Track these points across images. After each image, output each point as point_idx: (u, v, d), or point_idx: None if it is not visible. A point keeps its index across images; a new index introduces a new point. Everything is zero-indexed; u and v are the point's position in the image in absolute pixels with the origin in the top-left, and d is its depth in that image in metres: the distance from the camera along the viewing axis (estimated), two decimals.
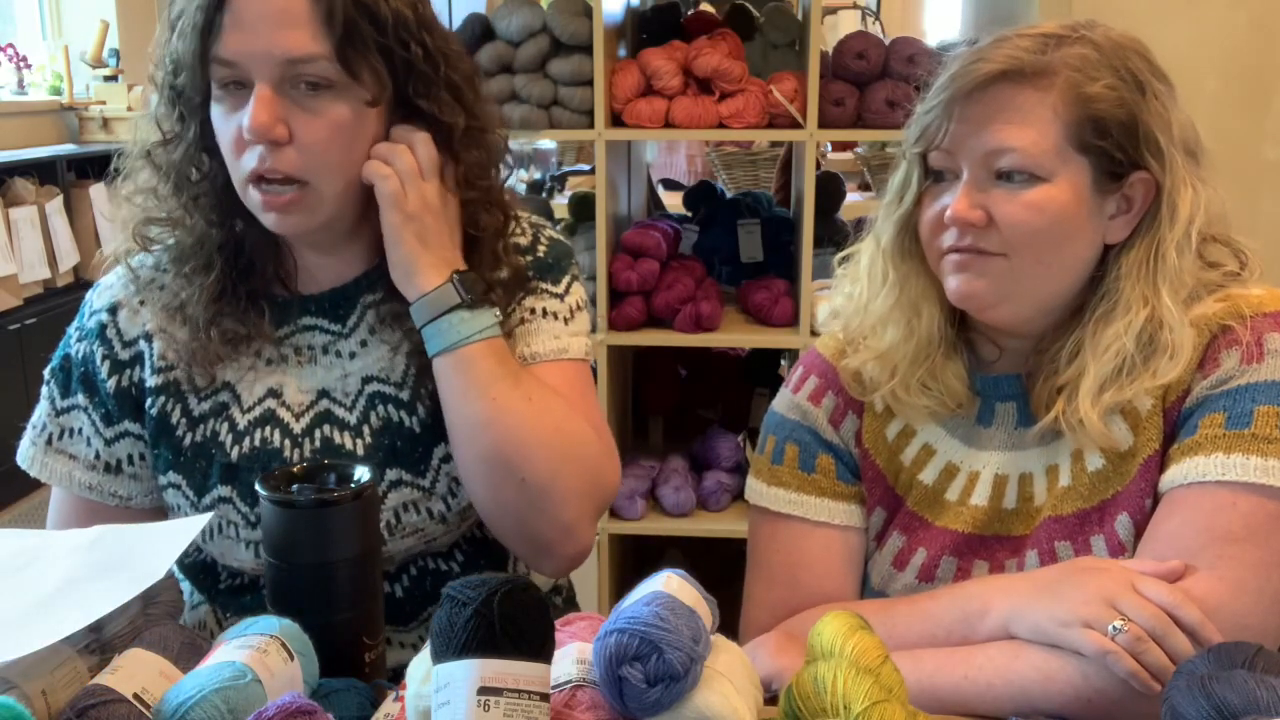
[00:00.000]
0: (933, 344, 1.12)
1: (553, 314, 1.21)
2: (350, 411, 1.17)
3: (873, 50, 2.36)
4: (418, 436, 1.17)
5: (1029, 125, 1.01)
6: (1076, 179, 1.02)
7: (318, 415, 1.17)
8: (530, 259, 1.22)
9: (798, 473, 1.18)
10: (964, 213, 1.04)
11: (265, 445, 1.16)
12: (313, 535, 0.96)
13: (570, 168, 4.55)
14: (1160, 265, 1.03)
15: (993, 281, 1.05)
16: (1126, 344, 1.02)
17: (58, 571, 0.97)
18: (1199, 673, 0.79)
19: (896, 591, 1.15)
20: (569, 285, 1.24)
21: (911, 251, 1.12)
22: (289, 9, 1.03)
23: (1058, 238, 1.03)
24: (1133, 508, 1.04)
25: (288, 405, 1.17)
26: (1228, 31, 2.37)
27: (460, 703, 0.73)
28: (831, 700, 0.78)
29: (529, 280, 1.21)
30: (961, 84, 1.03)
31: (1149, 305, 1.02)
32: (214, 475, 1.17)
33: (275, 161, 1.06)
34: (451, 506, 1.19)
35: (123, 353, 1.21)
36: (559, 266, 1.24)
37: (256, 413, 1.17)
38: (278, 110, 1.05)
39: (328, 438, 1.16)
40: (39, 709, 0.84)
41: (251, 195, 1.09)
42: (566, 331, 1.22)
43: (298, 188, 1.08)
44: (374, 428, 1.17)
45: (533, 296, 1.21)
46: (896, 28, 5.28)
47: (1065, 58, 1.02)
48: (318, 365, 1.19)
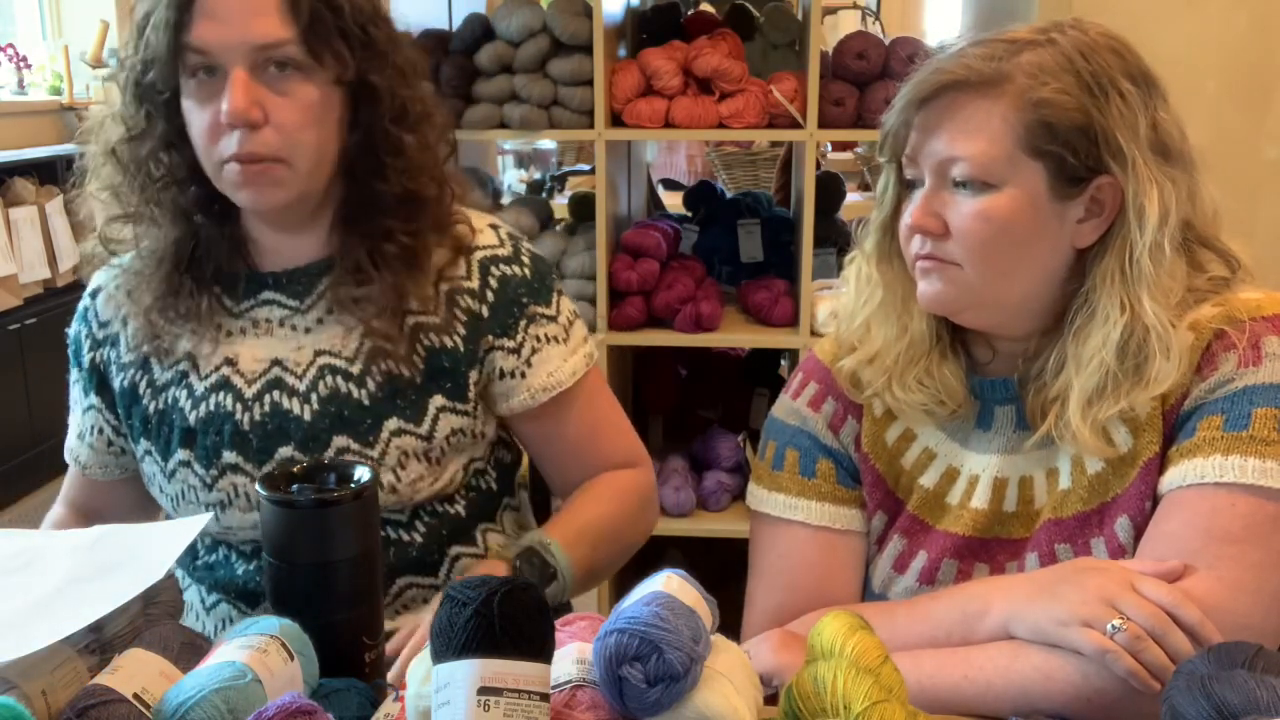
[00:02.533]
0: (926, 343, 1.13)
1: (553, 338, 1.29)
2: (300, 380, 1.22)
3: (873, 50, 2.36)
4: (366, 408, 1.21)
5: (979, 134, 1.02)
6: (1030, 185, 1.02)
7: (269, 381, 1.23)
8: (516, 273, 1.28)
9: (798, 478, 1.18)
10: (918, 220, 1.05)
11: (219, 409, 1.22)
12: (313, 535, 0.96)
13: (570, 168, 4.54)
14: (1136, 271, 1.02)
15: (954, 288, 1.06)
16: (1106, 358, 1.02)
17: (58, 571, 0.98)
18: (1199, 672, 0.79)
19: (897, 595, 1.15)
20: (557, 302, 1.32)
21: (896, 254, 1.13)
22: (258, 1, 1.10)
23: (1011, 245, 1.03)
24: (1132, 510, 1.04)
25: (241, 372, 1.23)
26: (1228, 31, 2.36)
27: (460, 703, 0.73)
28: (831, 700, 0.78)
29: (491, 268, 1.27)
30: (914, 94, 1.05)
31: (1128, 312, 1.01)
32: (175, 440, 1.24)
33: (252, 144, 1.12)
34: (401, 478, 1.23)
35: (99, 333, 1.31)
36: (544, 285, 1.30)
37: (212, 379, 1.23)
38: (253, 94, 1.11)
39: (276, 403, 1.22)
40: (39, 709, 0.84)
41: (227, 173, 1.14)
42: (568, 350, 1.31)
43: (272, 163, 1.14)
44: (321, 395, 1.21)
45: (534, 324, 1.28)
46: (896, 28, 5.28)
47: (1021, 64, 1.01)
48: (273, 337, 1.24)
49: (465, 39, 2.39)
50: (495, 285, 1.27)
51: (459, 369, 1.24)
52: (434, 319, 1.24)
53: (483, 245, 1.28)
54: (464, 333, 1.24)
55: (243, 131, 1.11)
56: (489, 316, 1.26)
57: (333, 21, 1.14)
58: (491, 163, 3.55)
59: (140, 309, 1.23)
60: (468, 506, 1.31)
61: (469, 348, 1.25)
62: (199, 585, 1.29)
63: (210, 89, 1.12)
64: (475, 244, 1.28)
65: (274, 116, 1.12)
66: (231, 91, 1.10)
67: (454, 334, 1.24)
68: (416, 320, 1.23)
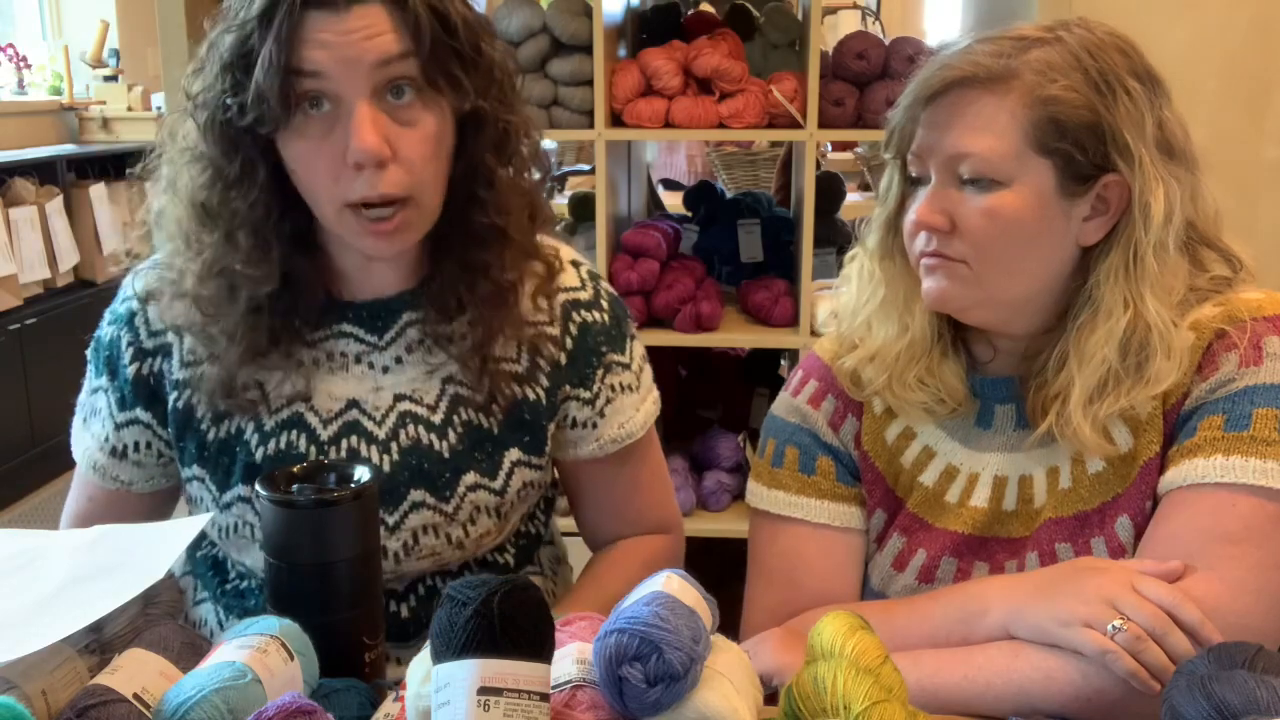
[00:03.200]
0: (927, 341, 1.13)
1: (627, 387, 1.25)
2: (379, 426, 1.15)
3: (873, 50, 2.36)
4: (446, 461, 1.15)
5: (987, 131, 1.01)
6: (1038, 182, 1.02)
7: (345, 425, 1.15)
8: (596, 320, 1.22)
9: (798, 475, 1.18)
10: (926, 217, 1.05)
11: (290, 449, 1.14)
12: (313, 535, 0.96)
13: (570, 168, 4.54)
14: (1140, 269, 1.02)
15: (960, 286, 1.06)
16: (1109, 354, 1.02)
17: (58, 571, 0.98)
18: (1199, 673, 0.79)
19: (896, 593, 1.15)
20: (631, 347, 1.26)
21: (899, 252, 1.13)
22: (372, 22, 1.00)
23: (1018, 242, 1.03)
24: (1133, 510, 1.04)
25: (316, 410, 1.15)
26: (1228, 31, 2.36)
27: (460, 703, 0.73)
28: (831, 700, 0.78)
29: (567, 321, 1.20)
30: (922, 90, 1.05)
31: (1130, 309, 1.02)
32: (236, 474, 1.15)
33: (383, 184, 1.02)
34: (470, 534, 1.18)
35: (148, 342, 1.18)
36: (621, 331, 1.25)
37: (284, 415, 1.15)
38: (380, 127, 1.01)
39: (354, 449, 1.14)
40: (39, 709, 0.84)
41: (349, 222, 1.05)
42: (639, 398, 1.26)
43: (401, 207, 1.04)
44: (402, 446, 1.15)
45: (610, 374, 1.23)
46: (896, 28, 5.28)
47: (1029, 61, 1.01)
48: (349, 374, 1.16)
49: None
50: (575, 332, 1.20)
51: (539, 422, 1.18)
52: (516, 367, 1.17)
53: (566, 287, 1.21)
54: (546, 384, 1.18)
55: (370, 171, 1.01)
56: (567, 365, 1.19)
57: (448, 43, 1.04)
58: None
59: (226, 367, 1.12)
60: (516, 554, 1.27)
61: (550, 400, 1.19)
62: (222, 608, 1.23)
63: (325, 124, 1.02)
64: (559, 285, 1.20)
65: (401, 150, 1.02)
66: (358, 125, 0.99)
67: (536, 385, 1.18)
68: (499, 368, 1.15)
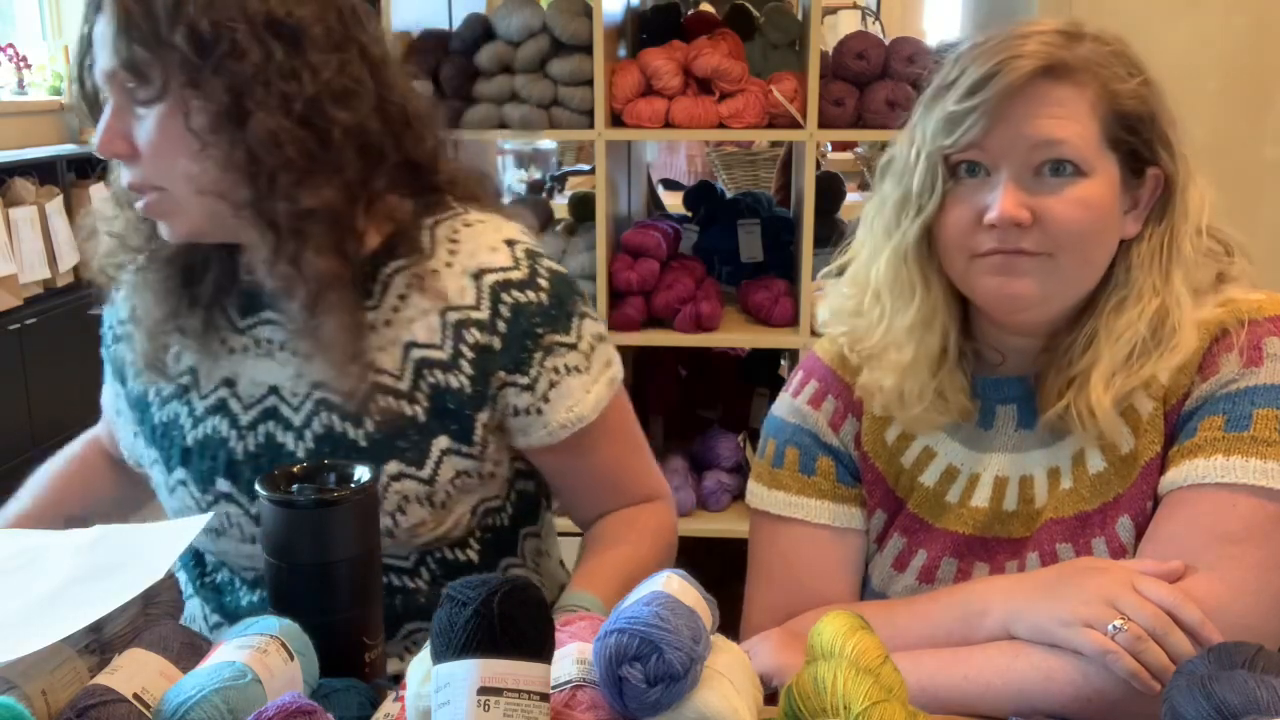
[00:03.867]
0: (936, 361, 1.10)
1: (573, 369, 1.19)
2: (296, 412, 1.16)
3: (873, 50, 2.36)
4: (363, 450, 1.14)
5: (1073, 119, 1.01)
6: (1111, 175, 1.03)
7: (264, 411, 1.17)
8: (531, 300, 1.17)
9: (798, 476, 1.18)
10: (1012, 211, 1.00)
11: (215, 434, 1.18)
12: (313, 535, 0.96)
13: (570, 168, 4.54)
14: (1175, 255, 1.04)
15: (1036, 281, 1.03)
16: (1140, 329, 1.03)
17: (58, 571, 0.98)
18: (1199, 673, 0.79)
19: (897, 593, 1.15)
20: (578, 327, 1.20)
21: (933, 260, 1.09)
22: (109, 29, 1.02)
23: (1099, 233, 1.03)
24: (1134, 510, 1.04)
25: (239, 396, 1.18)
26: (1228, 32, 2.36)
27: (460, 703, 0.73)
28: (831, 700, 0.78)
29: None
30: (1004, 81, 1.00)
31: (1159, 295, 1.03)
32: (175, 457, 1.20)
33: (130, 177, 1.08)
34: (400, 523, 1.16)
35: (119, 327, 1.29)
36: (563, 310, 1.19)
37: (211, 400, 1.19)
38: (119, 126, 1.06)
39: (271, 435, 1.16)
40: (39, 709, 0.84)
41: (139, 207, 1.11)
42: (590, 379, 1.20)
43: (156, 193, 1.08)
44: (316, 434, 1.15)
45: (551, 356, 1.17)
46: (896, 28, 5.28)
47: (1088, 55, 1.02)
48: (274, 360, 1.17)
49: (465, 39, 2.39)
50: (507, 314, 1.15)
51: (464, 411, 1.15)
52: (440, 354, 1.15)
53: (494, 267, 1.17)
54: (472, 371, 1.15)
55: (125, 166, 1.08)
56: (501, 349, 1.15)
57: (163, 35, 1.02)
58: (491, 163, 3.55)
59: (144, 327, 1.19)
60: (482, 552, 1.25)
61: (477, 388, 1.15)
62: (204, 603, 1.24)
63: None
64: (485, 265, 1.17)
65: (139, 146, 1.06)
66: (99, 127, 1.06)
67: (461, 372, 1.15)
68: (422, 355, 1.14)
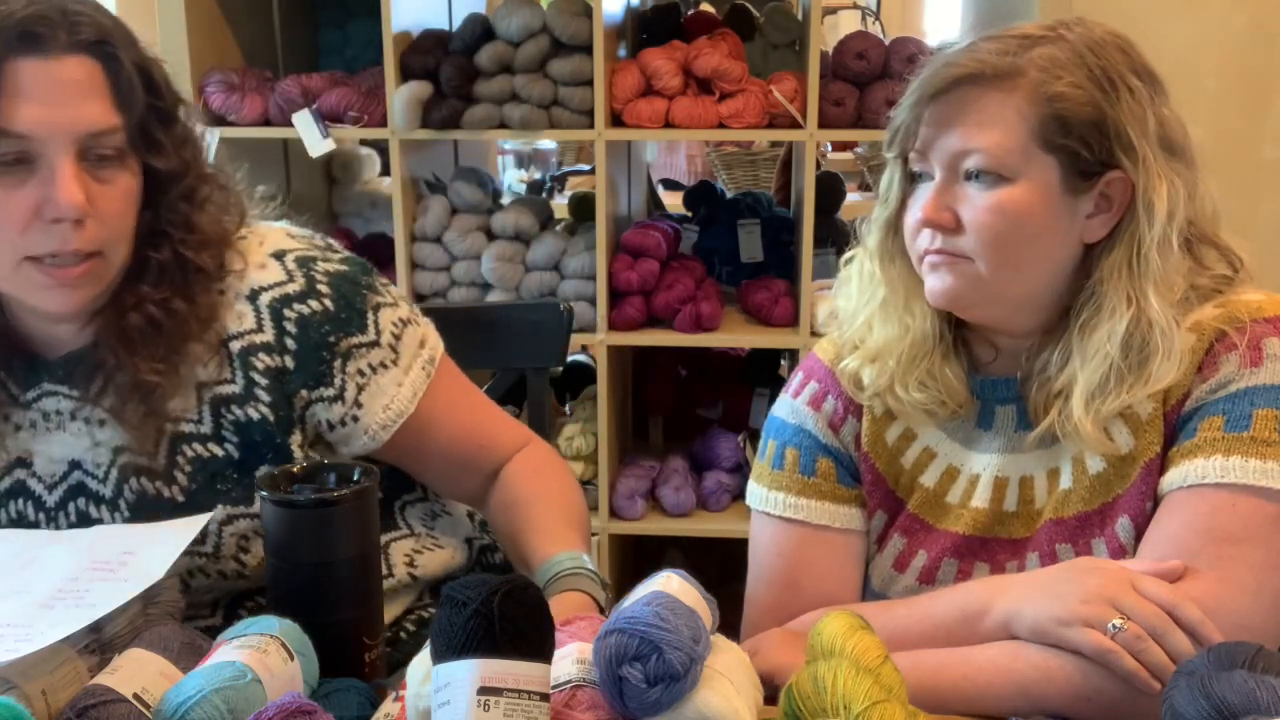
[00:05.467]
0: (929, 342, 1.12)
1: (380, 364, 1.15)
2: (104, 484, 1.11)
3: (873, 50, 2.36)
4: (182, 505, 1.10)
5: (993, 127, 1.02)
6: (1044, 179, 1.02)
7: (70, 488, 1.11)
8: (315, 309, 1.12)
9: (798, 477, 1.18)
10: (931, 214, 1.04)
11: (21, 518, 1.11)
12: (313, 535, 0.97)
13: (570, 168, 4.54)
14: (1143, 266, 1.02)
15: (964, 283, 1.06)
16: (1111, 351, 1.02)
17: (58, 571, 0.98)
18: (1199, 672, 0.79)
19: (897, 594, 1.15)
20: (375, 320, 1.15)
21: (900, 251, 1.13)
22: (83, 81, 0.99)
23: (1024, 239, 1.03)
24: (1133, 510, 1.04)
25: (38, 476, 1.12)
26: (1228, 32, 2.37)
27: (460, 703, 0.73)
28: (831, 700, 0.78)
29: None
30: (928, 88, 1.04)
31: (1134, 307, 1.02)
32: None
33: (77, 240, 1.00)
34: (247, 563, 1.13)
35: None
36: (353, 309, 1.14)
37: (6, 484, 1.12)
38: (83, 184, 0.99)
39: (83, 511, 1.11)
40: (39, 709, 0.84)
41: (28, 274, 1.02)
42: (401, 371, 1.17)
43: (89, 259, 1.02)
44: (129, 501, 1.11)
45: (351, 360, 1.13)
46: (896, 28, 5.27)
47: (1034, 58, 1.02)
48: (65, 432, 1.11)
49: (465, 39, 2.39)
50: (294, 330, 1.11)
51: (275, 440, 1.12)
52: (232, 387, 1.11)
53: (268, 284, 1.12)
54: (270, 399, 1.11)
55: (65, 227, 0.99)
56: (295, 369, 1.11)
57: (154, 103, 1.04)
58: (491, 163, 3.55)
59: None
60: None
61: (280, 413, 1.11)
62: None
63: (16, 178, 0.98)
64: (259, 284, 1.12)
65: (99, 208, 1.01)
66: (62, 184, 0.97)
67: (259, 402, 1.11)
68: (214, 392, 1.10)
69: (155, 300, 1.07)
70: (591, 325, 2.42)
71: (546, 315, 1.59)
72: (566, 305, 1.62)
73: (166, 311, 1.07)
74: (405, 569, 1.23)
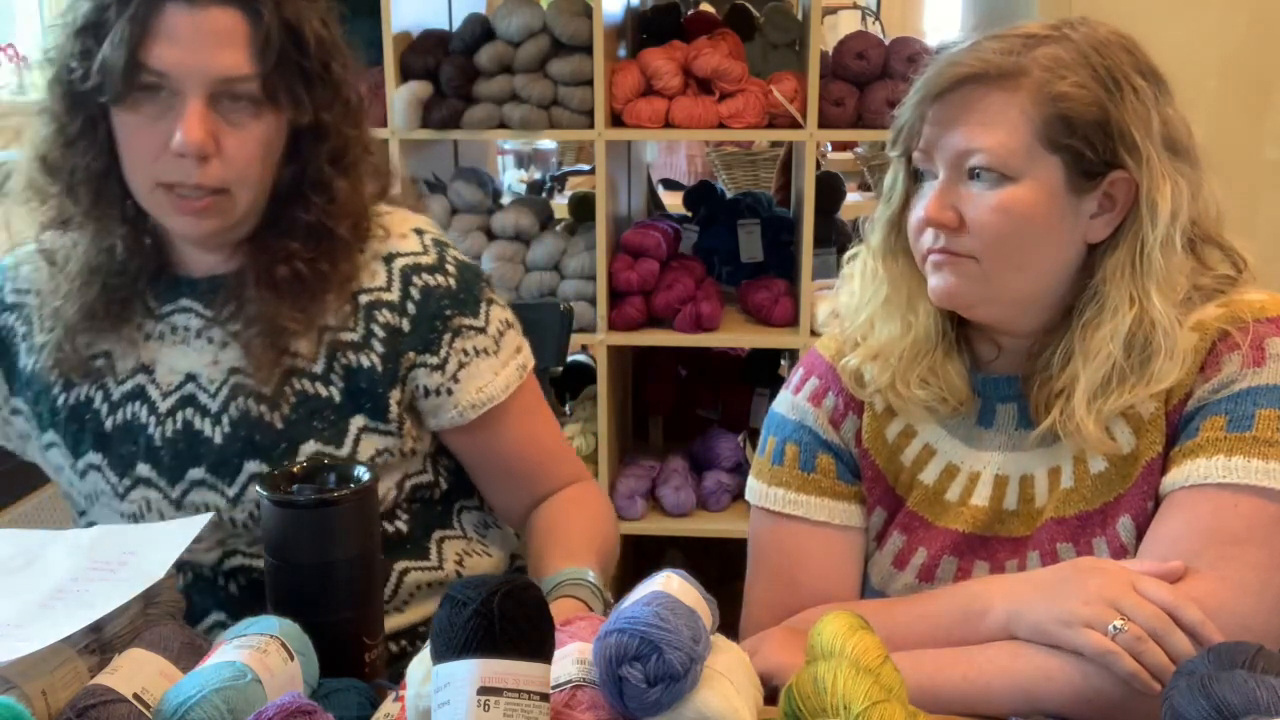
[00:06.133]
0: (931, 340, 1.12)
1: (482, 351, 1.23)
2: (213, 399, 1.18)
3: (873, 50, 2.36)
4: (280, 432, 1.17)
5: (997, 126, 1.02)
6: (1047, 178, 1.02)
7: (182, 398, 1.18)
8: (440, 283, 1.22)
9: (798, 473, 1.18)
10: (935, 214, 1.05)
11: (134, 420, 1.19)
12: (313, 535, 0.97)
13: (570, 168, 4.54)
14: (1146, 265, 1.02)
15: (967, 282, 1.06)
16: (1114, 350, 1.02)
17: (58, 571, 0.98)
18: (1199, 673, 0.79)
19: (896, 591, 1.15)
20: (487, 312, 1.25)
21: (903, 250, 1.13)
22: (225, 30, 1.07)
23: (1028, 239, 1.03)
24: (1135, 510, 1.04)
25: (157, 383, 1.19)
26: (1228, 31, 2.36)
27: (460, 703, 0.73)
28: (831, 700, 0.78)
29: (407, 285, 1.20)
30: (930, 88, 1.04)
31: (1136, 306, 1.02)
32: (87, 442, 1.20)
33: (201, 176, 1.09)
34: None
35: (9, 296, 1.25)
36: (471, 294, 1.24)
37: (128, 386, 1.19)
38: (209, 125, 1.07)
39: (189, 422, 1.18)
40: (39, 709, 0.84)
41: (159, 199, 1.11)
42: (499, 363, 1.25)
43: (214, 194, 1.11)
44: (232, 418, 1.17)
45: (460, 338, 1.22)
46: (896, 28, 5.27)
47: (1037, 58, 1.02)
48: (189, 347, 1.19)
49: (465, 39, 2.39)
50: (417, 296, 1.20)
51: (378, 390, 1.19)
52: (351, 335, 1.19)
53: (404, 252, 1.22)
54: (382, 350, 1.19)
55: (190, 160, 1.08)
56: (410, 331, 1.20)
57: (296, 60, 1.11)
58: (491, 163, 3.55)
59: (63, 324, 1.17)
60: (410, 521, 1.26)
61: (388, 366, 1.19)
62: None
63: (157, 109, 1.08)
64: (396, 250, 1.22)
65: (225, 149, 1.09)
66: (188, 121, 1.06)
67: (372, 351, 1.19)
68: (334, 336, 1.18)
69: (304, 258, 1.16)
70: (591, 325, 2.42)
71: (546, 315, 1.59)
72: (566, 305, 1.62)
73: (313, 271, 1.17)
74: (454, 566, 1.29)
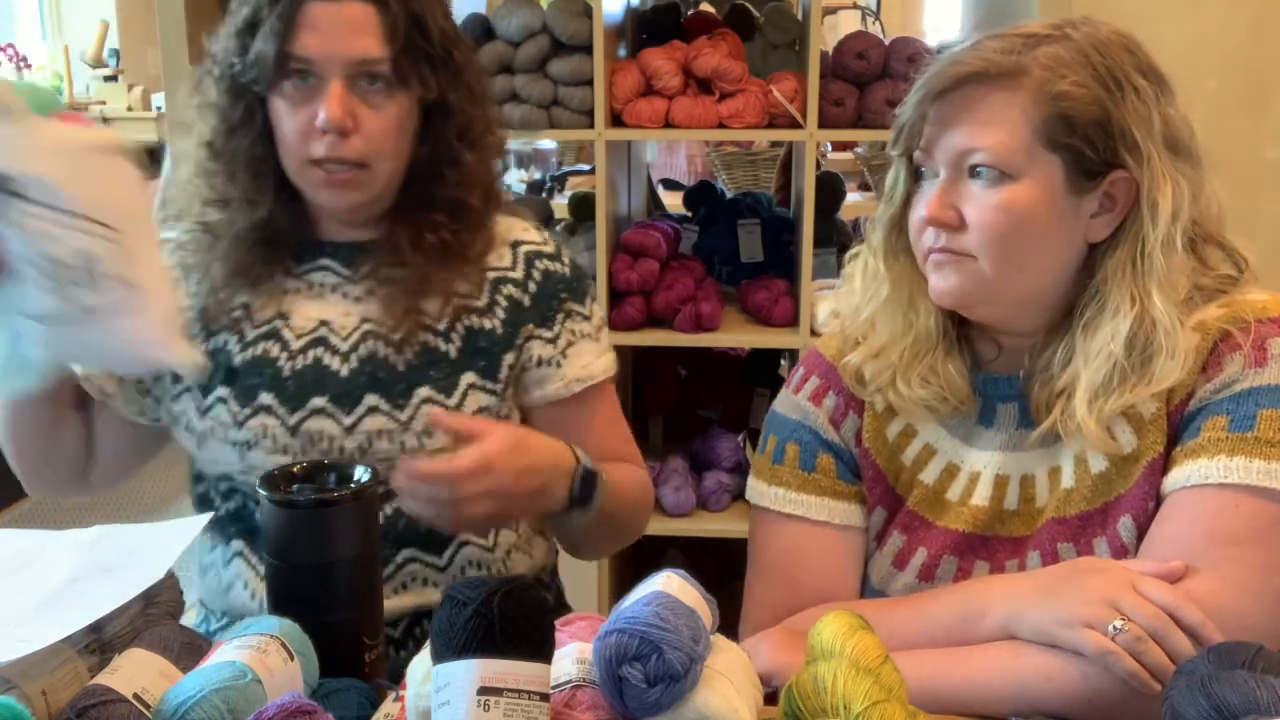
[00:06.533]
0: (931, 339, 1.13)
1: (587, 335, 1.38)
2: (344, 340, 1.30)
3: (873, 50, 2.36)
4: (400, 373, 1.28)
5: (997, 125, 1.02)
6: (1047, 178, 1.02)
7: (315, 338, 1.30)
8: (558, 270, 1.37)
9: (798, 472, 1.18)
10: (935, 213, 1.05)
11: (265, 355, 1.30)
12: (313, 535, 0.97)
13: (570, 168, 4.54)
14: (1147, 265, 1.02)
15: (967, 282, 1.06)
16: (1115, 350, 1.02)
17: (58, 571, 0.98)
18: (1199, 673, 0.80)
19: (896, 591, 1.15)
20: (591, 306, 1.41)
21: (904, 249, 1.13)
22: (359, 19, 1.21)
23: (1028, 238, 1.03)
24: (1136, 510, 1.04)
25: (291, 326, 1.32)
26: (1228, 31, 2.36)
27: (460, 703, 0.73)
28: (831, 700, 0.78)
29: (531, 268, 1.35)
30: (932, 86, 1.04)
31: (1137, 306, 1.02)
32: (218, 377, 1.30)
33: (342, 149, 1.22)
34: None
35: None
36: (582, 287, 1.39)
37: (263, 329, 1.31)
38: (347, 104, 1.21)
39: (318, 358, 1.29)
40: (39, 709, 0.84)
41: (309, 174, 1.25)
42: (600, 348, 1.39)
43: (355, 169, 1.24)
44: (360, 356, 1.29)
45: (570, 320, 1.37)
46: (896, 28, 5.27)
47: (1038, 57, 1.02)
48: (325, 300, 1.33)
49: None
50: (538, 277, 1.35)
51: (494, 350, 1.32)
52: (477, 303, 1.32)
53: (528, 240, 1.38)
54: (504, 317, 1.32)
55: (333, 137, 1.22)
56: (530, 306, 1.34)
57: (422, 45, 1.25)
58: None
59: (210, 280, 1.31)
60: None
61: (508, 331, 1.32)
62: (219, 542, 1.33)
63: (304, 93, 1.23)
64: (521, 238, 1.37)
65: (363, 125, 1.23)
66: (329, 100, 1.21)
67: (495, 317, 1.32)
68: (462, 302, 1.31)
69: (450, 229, 1.31)
70: None
71: None
72: None
73: (456, 239, 1.31)
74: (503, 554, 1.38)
